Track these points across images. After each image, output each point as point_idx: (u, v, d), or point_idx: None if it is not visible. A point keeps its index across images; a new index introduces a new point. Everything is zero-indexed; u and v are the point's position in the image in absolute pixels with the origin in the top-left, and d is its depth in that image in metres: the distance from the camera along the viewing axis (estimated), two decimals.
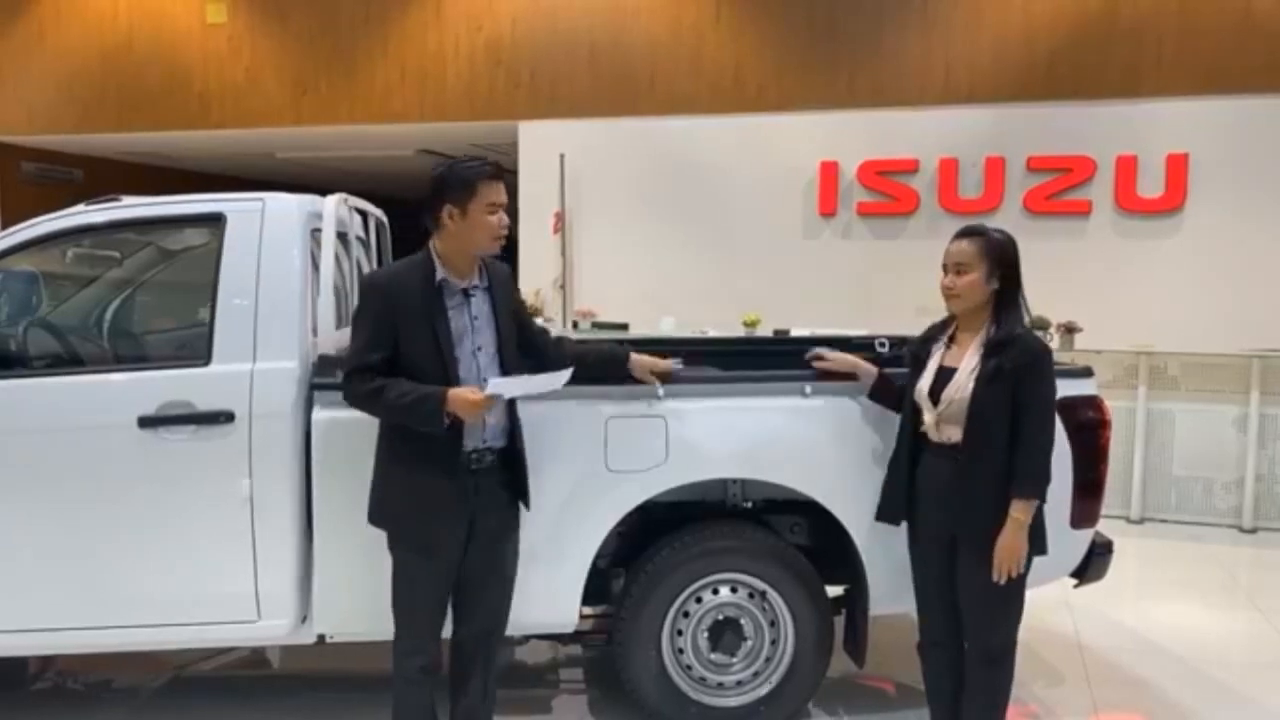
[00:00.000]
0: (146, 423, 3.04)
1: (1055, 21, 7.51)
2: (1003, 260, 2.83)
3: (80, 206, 3.34)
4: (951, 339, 2.94)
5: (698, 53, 8.22)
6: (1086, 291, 7.12)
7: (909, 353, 3.10)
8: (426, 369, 2.73)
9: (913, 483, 2.96)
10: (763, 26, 8.13)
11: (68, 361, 3.39)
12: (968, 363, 2.82)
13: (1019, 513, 2.73)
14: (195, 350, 3.17)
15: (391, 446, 2.83)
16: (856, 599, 3.40)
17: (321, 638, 3.21)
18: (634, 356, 3.21)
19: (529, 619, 3.26)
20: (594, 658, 4.08)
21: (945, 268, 2.88)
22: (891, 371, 3.22)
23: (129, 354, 3.71)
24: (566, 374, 2.82)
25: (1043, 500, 2.78)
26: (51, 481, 3.09)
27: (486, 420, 2.81)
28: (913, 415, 2.94)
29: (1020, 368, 2.74)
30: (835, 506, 3.26)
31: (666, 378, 3.22)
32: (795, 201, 8.09)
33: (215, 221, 3.23)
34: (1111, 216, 7.45)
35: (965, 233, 2.90)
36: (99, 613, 3.12)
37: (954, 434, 2.83)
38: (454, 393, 2.68)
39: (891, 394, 3.13)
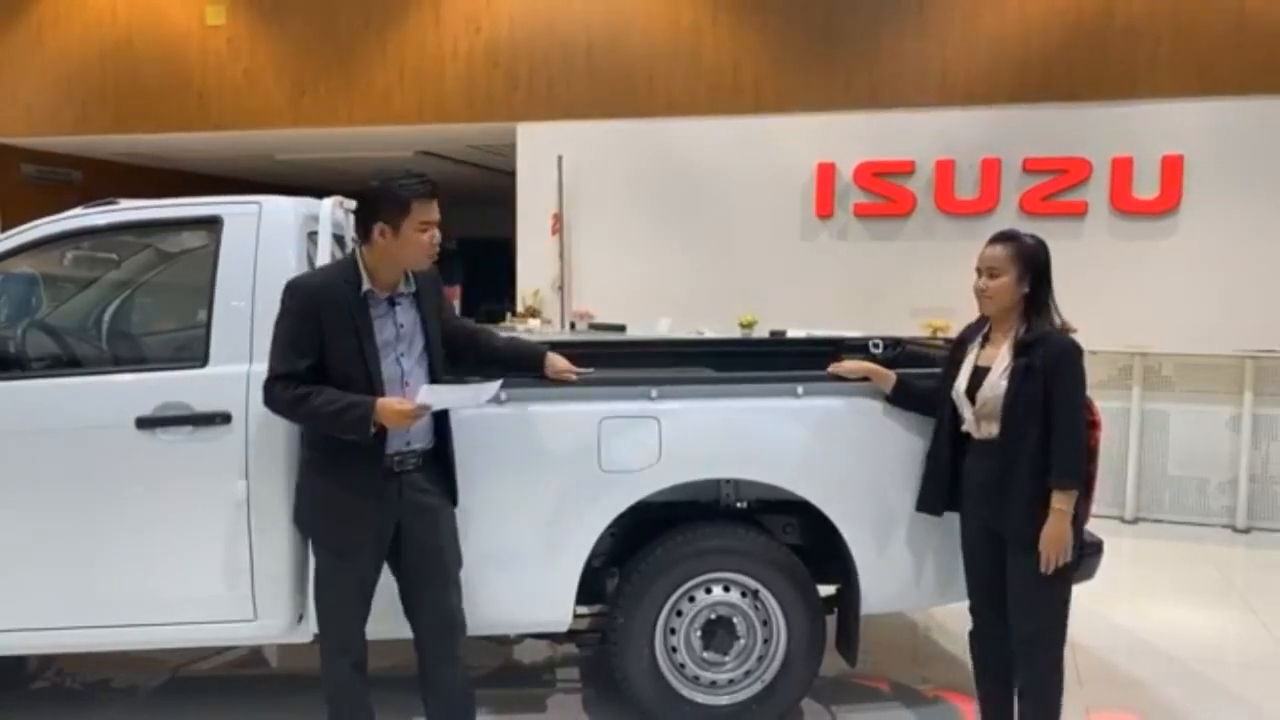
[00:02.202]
0: (144, 423, 3.07)
1: (1051, 23, 7.54)
2: (1033, 264, 2.95)
3: (79, 209, 3.36)
4: (986, 338, 3.05)
5: (695, 54, 8.25)
6: (1082, 292, 7.04)
7: (945, 354, 3.21)
8: (351, 378, 2.74)
9: (957, 477, 3.06)
10: (760, 28, 8.15)
11: (66, 363, 3.41)
12: (1000, 362, 2.93)
13: (1060, 503, 2.82)
14: (192, 352, 3.19)
15: (313, 451, 2.86)
16: (848, 598, 3.42)
17: (317, 636, 3.23)
18: (549, 357, 3.26)
19: (524, 618, 3.30)
20: (589, 657, 4.10)
21: (979, 271, 2.99)
22: (908, 372, 3.30)
23: (127, 355, 3.72)
24: (496, 385, 2.85)
25: (1081, 490, 2.87)
26: (50, 482, 3.11)
27: None
28: (953, 413, 3.05)
29: (1050, 365, 2.84)
30: (827, 507, 3.29)
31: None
32: (792, 203, 8.12)
33: (212, 224, 3.25)
34: (1107, 218, 7.48)
35: (998, 238, 3.01)
36: (96, 612, 3.15)
37: (993, 429, 2.93)
38: (383, 402, 2.69)
39: (912, 397, 3.24)
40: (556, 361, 3.26)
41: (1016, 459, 2.86)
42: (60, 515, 3.11)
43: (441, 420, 2.95)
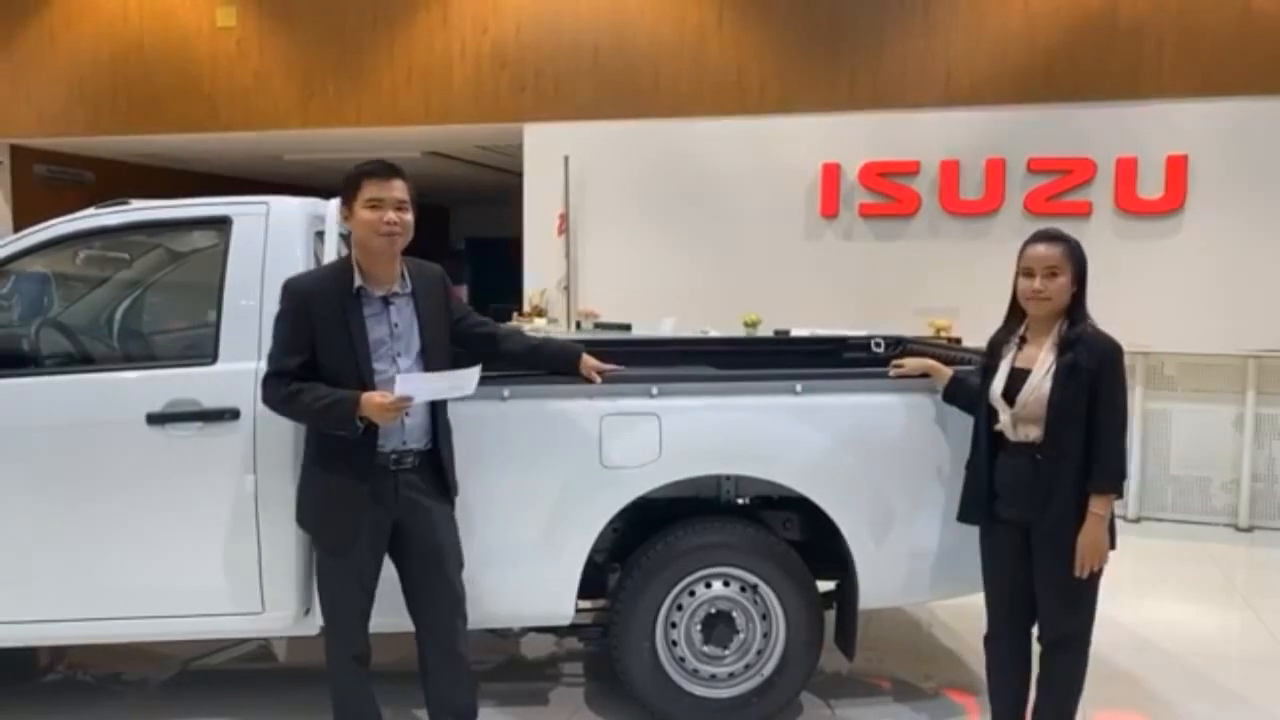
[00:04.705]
0: (154, 420, 3.13)
1: (1055, 24, 7.54)
2: (1081, 263, 2.92)
3: (91, 210, 3.42)
4: (1023, 340, 3.00)
5: (700, 55, 8.28)
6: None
7: (980, 362, 3.16)
8: (343, 376, 2.80)
9: (990, 479, 3.02)
10: (765, 29, 8.18)
11: (79, 360, 3.47)
12: (1042, 363, 2.88)
13: (1098, 508, 2.80)
14: (202, 349, 3.25)
15: (312, 449, 2.92)
16: (847, 594, 3.46)
17: (323, 629, 3.28)
18: (584, 358, 3.29)
19: (526, 612, 3.35)
20: (591, 651, 4.14)
21: (1031, 272, 2.91)
22: (965, 370, 3.31)
23: (138, 353, 3.77)
24: (475, 372, 2.84)
25: (1120, 495, 2.86)
26: (63, 476, 3.17)
27: (405, 421, 2.85)
28: (988, 417, 3.01)
29: (1095, 365, 2.81)
30: (826, 503, 3.32)
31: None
32: (797, 203, 8.14)
33: (221, 224, 3.31)
34: (1111, 218, 7.47)
35: (1048, 237, 2.95)
36: (107, 604, 3.20)
37: (1031, 432, 2.89)
38: (366, 397, 2.74)
39: (963, 395, 3.22)
40: (589, 361, 3.27)
41: (1059, 461, 2.82)
42: (72, 509, 3.17)
43: (435, 420, 2.97)
